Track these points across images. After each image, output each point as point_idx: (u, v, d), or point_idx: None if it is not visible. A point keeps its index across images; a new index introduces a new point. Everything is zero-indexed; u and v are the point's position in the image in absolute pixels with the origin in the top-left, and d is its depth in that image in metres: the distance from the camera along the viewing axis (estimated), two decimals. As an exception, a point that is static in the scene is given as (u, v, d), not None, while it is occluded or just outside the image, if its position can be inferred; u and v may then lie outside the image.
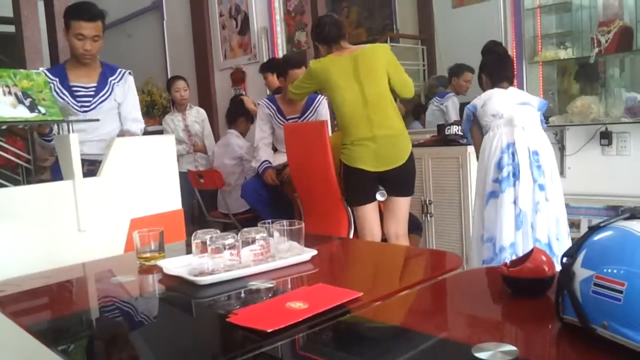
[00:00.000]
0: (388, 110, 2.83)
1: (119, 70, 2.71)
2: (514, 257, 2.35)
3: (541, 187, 2.62)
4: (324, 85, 2.91)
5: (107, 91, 2.63)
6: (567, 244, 2.64)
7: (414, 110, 5.08)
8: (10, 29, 4.60)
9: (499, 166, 2.66)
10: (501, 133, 2.69)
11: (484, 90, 2.92)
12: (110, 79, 2.66)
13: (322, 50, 2.97)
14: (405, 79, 2.90)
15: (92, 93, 2.61)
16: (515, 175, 2.61)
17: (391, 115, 2.84)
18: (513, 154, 2.62)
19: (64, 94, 2.55)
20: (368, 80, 2.79)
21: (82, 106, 2.58)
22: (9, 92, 1.96)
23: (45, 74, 2.36)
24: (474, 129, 2.89)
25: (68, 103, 2.51)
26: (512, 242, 2.63)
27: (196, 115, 4.79)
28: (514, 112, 2.68)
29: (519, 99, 2.78)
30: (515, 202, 2.62)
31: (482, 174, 2.76)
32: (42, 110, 2.03)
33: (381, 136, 2.78)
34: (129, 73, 2.74)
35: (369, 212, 2.90)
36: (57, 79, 2.56)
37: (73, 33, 2.51)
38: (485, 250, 2.72)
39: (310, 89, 3.05)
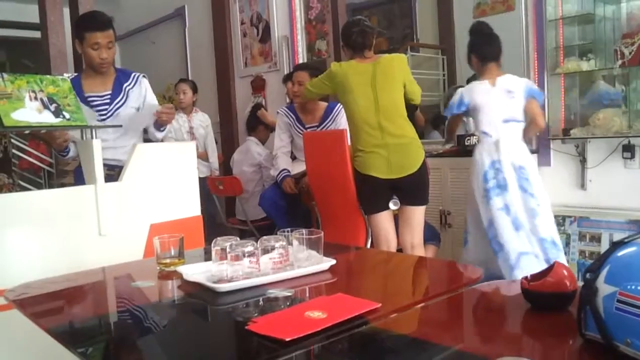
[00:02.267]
0: (399, 119, 2.88)
1: (133, 74, 2.71)
2: (511, 254, 2.76)
3: (532, 195, 2.86)
4: (339, 88, 2.95)
5: (122, 98, 2.63)
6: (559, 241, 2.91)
7: (433, 120, 5.06)
8: (36, 34, 4.67)
9: (485, 179, 2.92)
10: (488, 150, 2.94)
11: (473, 69, 3.13)
12: (125, 85, 2.66)
13: (346, 53, 3.04)
14: (416, 87, 3.03)
15: (108, 101, 2.61)
16: (501, 186, 2.87)
17: (402, 123, 2.88)
18: (497, 169, 2.89)
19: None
20: (384, 89, 2.85)
21: (100, 115, 2.59)
22: (35, 98, 1.99)
23: None
24: (458, 117, 3.17)
25: None
26: (502, 242, 2.84)
27: (202, 120, 4.78)
28: (500, 134, 2.93)
29: (504, 99, 2.94)
30: (505, 209, 2.85)
31: (474, 183, 2.99)
32: (67, 115, 2.06)
33: (392, 144, 2.82)
34: (143, 76, 2.74)
35: (383, 221, 2.90)
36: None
37: (88, 44, 2.52)
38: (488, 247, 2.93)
39: (326, 90, 3.11)
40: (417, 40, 5.62)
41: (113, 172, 2.41)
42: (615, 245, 0.88)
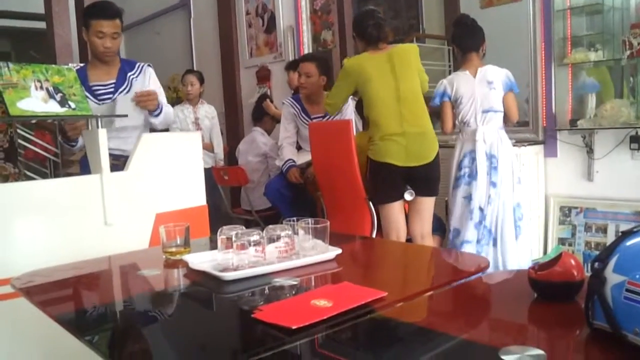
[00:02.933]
0: (418, 108, 2.88)
1: (138, 64, 2.71)
2: (458, 241, 2.98)
3: (494, 184, 2.99)
4: (359, 80, 2.90)
5: (126, 86, 2.63)
6: (510, 229, 3.00)
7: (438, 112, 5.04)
8: (42, 25, 4.67)
9: (459, 167, 3.06)
10: (467, 140, 3.06)
11: (457, 58, 3.25)
12: (129, 74, 2.66)
13: (357, 44, 3.02)
14: (425, 75, 3.04)
15: (112, 89, 2.61)
16: (472, 176, 3.02)
17: (420, 113, 2.89)
18: (473, 159, 3.02)
19: (86, 95, 2.57)
20: (403, 77, 2.85)
21: (104, 104, 2.58)
22: (41, 87, 1.99)
23: None
24: (447, 105, 3.15)
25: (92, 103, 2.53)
26: (458, 228, 3.06)
27: (207, 111, 4.75)
28: (479, 124, 3.02)
29: (484, 90, 3.01)
30: (468, 198, 3.02)
31: (450, 171, 3.17)
32: (72, 105, 2.06)
33: (411, 133, 2.82)
34: (148, 65, 2.74)
35: (396, 211, 2.90)
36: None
37: (93, 31, 2.52)
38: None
39: (345, 92, 3.03)
40: (423, 30, 5.59)
41: (118, 161, 2.42)
42: (624, 235, 0.88)
